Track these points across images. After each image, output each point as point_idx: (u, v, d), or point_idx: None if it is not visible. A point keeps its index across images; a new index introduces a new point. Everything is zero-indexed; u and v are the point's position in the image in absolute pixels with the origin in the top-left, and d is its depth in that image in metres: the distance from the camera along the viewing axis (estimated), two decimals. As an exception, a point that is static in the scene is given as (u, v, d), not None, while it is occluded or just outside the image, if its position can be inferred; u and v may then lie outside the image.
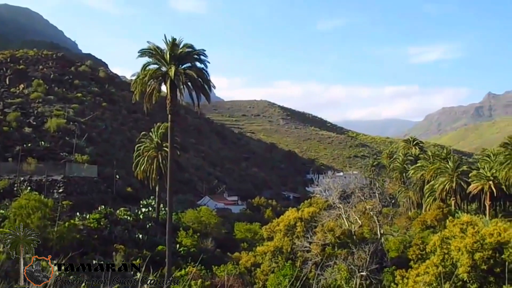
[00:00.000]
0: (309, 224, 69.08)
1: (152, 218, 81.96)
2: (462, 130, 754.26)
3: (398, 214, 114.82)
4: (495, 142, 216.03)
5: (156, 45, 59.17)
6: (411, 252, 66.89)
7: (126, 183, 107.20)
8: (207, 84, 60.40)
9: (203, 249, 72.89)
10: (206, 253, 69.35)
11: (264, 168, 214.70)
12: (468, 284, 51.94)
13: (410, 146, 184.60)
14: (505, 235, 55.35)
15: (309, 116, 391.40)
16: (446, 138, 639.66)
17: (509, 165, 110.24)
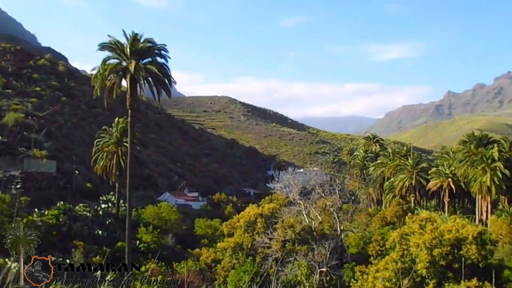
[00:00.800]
0: (270, 220, 69.16)
1: (111, 214, 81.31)
2: (422, 128, 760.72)
3: (358, 210, 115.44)
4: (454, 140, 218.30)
5: (116, 39, 58.67)
6: (371, 248, 67.35)
7: (85, 178, 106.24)
8: (168, 79, 60.09)
9: (163, 245, 72.53)
10: (166, 249, 69.02)
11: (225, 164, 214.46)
12: (427, 279, 52.46)
13: (370, 143, 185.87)
14: (463, 232, 56.02)
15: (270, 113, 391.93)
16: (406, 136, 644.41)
17: (468, 163, 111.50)
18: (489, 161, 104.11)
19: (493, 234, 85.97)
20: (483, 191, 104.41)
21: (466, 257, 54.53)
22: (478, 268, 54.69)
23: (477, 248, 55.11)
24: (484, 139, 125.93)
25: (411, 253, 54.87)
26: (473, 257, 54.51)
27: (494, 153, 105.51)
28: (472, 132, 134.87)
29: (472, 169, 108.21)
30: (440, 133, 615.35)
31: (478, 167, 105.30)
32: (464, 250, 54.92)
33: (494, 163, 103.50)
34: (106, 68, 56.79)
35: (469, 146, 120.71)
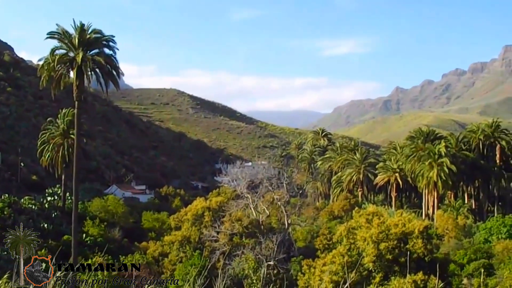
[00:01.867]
0: (217, 213, 69.04)
1: (58, 207, 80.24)
2: (370, 123, 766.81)
3: (305, 204, 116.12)
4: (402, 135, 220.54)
5: (65, 29, 57.72)
6: (318, 242, 67.57)
7: (31, 171, 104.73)
8: (116, 71, 59.39)
9: (110, 238, 71.89)
10: (113, 243, 68.41)
11: (173, 157, 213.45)
12: (374, 273, 52.75)
13: (318, 137, 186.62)
14: (409, 226, 56.52)
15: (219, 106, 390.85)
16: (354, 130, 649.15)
17: (415, 158, 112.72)
18: (436, 156, 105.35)
19: (439, 229, 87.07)
20: (429, 186, 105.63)
21: (412, 251, 54.99)
22: (424, 262, 55.19)
23: (423, 243, 55.56)
24: (431, 134, 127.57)
25: (358, 247, 55.10)
26: (419, 251, 54.97)
27: (441, 148, 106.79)
28: (420, 127, 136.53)
29: (419, 164, 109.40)
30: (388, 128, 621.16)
31: (425, 162, 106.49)
32: (410, 244, 55.37)
33: (441, 158, 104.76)
34: (54, 58, 55.79)
35: (416, 142, 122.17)
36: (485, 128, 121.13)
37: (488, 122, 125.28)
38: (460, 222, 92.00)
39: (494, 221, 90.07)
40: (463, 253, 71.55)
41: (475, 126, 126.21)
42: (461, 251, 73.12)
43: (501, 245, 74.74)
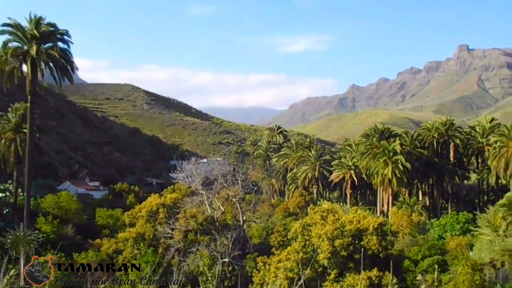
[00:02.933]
0: (172, 210, 68.62)
1: (9, 204, 78.86)
2: (326, 120, 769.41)
3: (261, 201, 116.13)
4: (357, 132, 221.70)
5: (17, 22, 56.74)
6: (273, 238, 67.56)
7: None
8: (70, 65, 58.61)
9: (63, 235, 70.86)
10: (66, 240, 67.40)
11: (127, 153, 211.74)
12: (329, 269, 52.89)
13: (274, 134, 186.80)
14: (364, 223, 56.78)
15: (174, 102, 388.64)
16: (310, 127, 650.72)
17: (370, 155, 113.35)
18: (391, 154, 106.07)
19: (394, 225, 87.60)
20: (384, 183, 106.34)
21: (367, 248, 55.28)
22: (379, 259, 55.52)
23: (378, 239, 55.90)
24: (386, 132, 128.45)
25: (313, 243, 55.20)
26: (374, 247, 55.27)
27: (396, 146, 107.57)
28: (375, 125, 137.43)
29: (374, 161, 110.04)
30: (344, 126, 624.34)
31: (380, 159, 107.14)
32: (365, 241, 55.65)
33: (396, 156, 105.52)
34: (7, 51, 54.82)
35: (371, 139, 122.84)
36: (439, 126, 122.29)
37: (443, 121, 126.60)
38: (415, 219, 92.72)
39: (448, 218, 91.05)
40: (417, 250, 72.08)
41: (429, 124, 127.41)
42: (416, 247, 73.65)
43: (455, 241, 75.61)
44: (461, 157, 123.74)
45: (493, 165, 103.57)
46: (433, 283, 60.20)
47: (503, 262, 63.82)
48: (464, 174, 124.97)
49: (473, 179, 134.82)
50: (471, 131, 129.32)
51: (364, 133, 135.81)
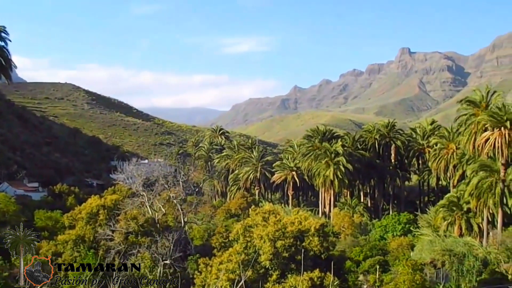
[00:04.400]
0: (112, 212, 67.51)
1: None
2: (268, 121, 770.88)
3: (202, 202, 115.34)
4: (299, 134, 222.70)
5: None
6: (215, 240, 67.08)
7: None
8: (8, 64, 57.41)
9: (0, 238, 69.19)
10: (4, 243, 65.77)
11: (67, 153, 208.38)
12: (270, 271, 52.72)
13: (216, 135, 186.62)
14: (305, 224, 56.73)
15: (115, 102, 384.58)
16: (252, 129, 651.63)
17: (312, 157, 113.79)
18: (333, 155, 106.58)
19: (335, 226, 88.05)
20: (326, 184, 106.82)
21: (309, 249, 55.27)
22: (321, 260, 55.56)
23: (320, 240, 55.95)
24: (328, 134, 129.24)
25: (255, 245, 55.02)
26: (315, 248, 55.30)
27: (338, 147, 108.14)
28: (317, 126, 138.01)
29: (316, 163, 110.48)
30: (286, 127, 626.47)
31: (322, 161, 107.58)
32: (306, 242, 55.63)
33: (338, 157, 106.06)
34: None
35: (313, 141, 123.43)
36: (381, 128, 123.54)
37: (384, 122, 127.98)
38: (356, 220, 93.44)
39: (390, 219, 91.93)
40: (359, 250, 72.48)
41: (371, 126, 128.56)
42: (357, 248, 74.07)
43: (396, 242, 76.30)
44: (402, 158, 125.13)
45: (434, 166, 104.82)
46: (375, 284, 60.57)
47: (444, 261, 64.55)
48: (405, 176, 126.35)
49: (414, 180, 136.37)
50: (412, 133, 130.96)
51: (306, 135, 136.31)
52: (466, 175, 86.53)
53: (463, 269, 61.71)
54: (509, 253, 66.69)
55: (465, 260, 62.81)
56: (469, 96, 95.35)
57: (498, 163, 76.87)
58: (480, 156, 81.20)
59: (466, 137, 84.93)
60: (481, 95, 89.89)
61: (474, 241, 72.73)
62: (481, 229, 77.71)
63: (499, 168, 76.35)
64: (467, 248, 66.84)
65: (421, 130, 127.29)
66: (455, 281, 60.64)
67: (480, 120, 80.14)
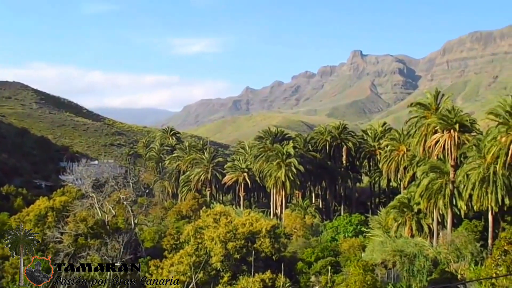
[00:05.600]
0: (61, 213, 66.62)
1: None
2: (220, 122, 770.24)
3: (153, 204, 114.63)
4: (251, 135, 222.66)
5: None
6: (165, 242, 66.64)
7: None
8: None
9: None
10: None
11: (15, 154, 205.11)
12: (222, 272, 52.67)
13: (167, 136, 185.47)
14: (257, 225, 56.67)
15: (65, 101, 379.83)
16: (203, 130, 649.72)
17: (263, 158, 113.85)
18: (284, 157, 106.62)
19: (287, 228, 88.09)
20: (277, 186, 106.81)
21: (260, 250, 55.24)
22: (272, 261, 55.62)
23: (271, 242, 56.01)
24: (280, 135, 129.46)
25: (206, 246, 54.89)
26: (267, 250, 55.30)
27: (289, 149, 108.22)
28: (268, 128, 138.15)
29: (267, 164, 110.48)
30: (238, 128, 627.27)
31: (273, 162, 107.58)
32: (258, 244, 55.58)
33: (289, 159, 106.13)
34: None
35: (265, 142, 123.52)
36: (332, 130, 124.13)
37: (336, 124, 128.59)
38: (308, 221, 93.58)
39: (341, 220, 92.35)
40: (310, 252, 72.50)
41: (322, 128, 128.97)
42: (309, 249, 74.12)
43: (347, 243, 76.61)
44: (354, 160, 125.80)
45: (385, 168, 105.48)
46: (327, 284, 60.63)
47: (394, 262, 64.99)
48: (357, 177, 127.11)
49: (365, 182, 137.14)
50: (363, 135, 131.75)
51: (258, 136, 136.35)
52: (417, 176, 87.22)
53: (413, 269, 62.19)
54: (459, 253, 67.42)
55: (415, 260, 63.34)
56: (420, 99, 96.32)
57: (448, 164, 77.65)
58: (430, 158, 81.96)
59: (416, 139, 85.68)
60: (431, 98, 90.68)
61: (424, 242, 73.42)
62: (431, 229, 78.40)
63: (448, 170, 77.13)
64: (417, 248, 67.48)
65: (372, 132, 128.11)
66: (406, 281, 61.03)
67: (431, 123, 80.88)
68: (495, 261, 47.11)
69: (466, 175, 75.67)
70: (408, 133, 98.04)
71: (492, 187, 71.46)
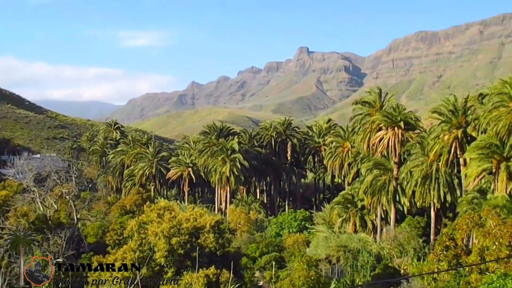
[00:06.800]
0: (1, 208, 65.53)
1: None
2: (165, 117, 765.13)
3: (96, 198, 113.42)
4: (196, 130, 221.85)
5: None
6: (109, 237, 65.91)
7: None
8: None
9: None
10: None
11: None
12: (166, 268, 52.40)
13: (111, 129, 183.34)
14: (201, 220, 56.50)
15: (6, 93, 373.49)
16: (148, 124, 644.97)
17: (208, 153, 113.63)
18: (229, 152, 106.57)
19: (231, 223, 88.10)
20: (222, 181, 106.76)
21: (204, 246, 55.06)
22: (216, 256, 55.49)
23: (215, 237, 55.84)
24: (225, 130, 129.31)
25: (150, 242, 54.44)
26: (211, 245, 55.15)
27: (234, 144, 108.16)
28: (214, 123, 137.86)
29: (212, 159, 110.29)
30: (183, 123, 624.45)
31: (218, 157, 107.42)
32: (202, 239, 55.40)
33: (234, 154, 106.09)
34: None
35: (210, 137, 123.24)
36: (277, 126, 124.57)
37: (281, 120, 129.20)
38: (252, 217, 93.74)
39: (286, 216, 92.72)
40: (255, 247, 72.68)
41: (268, 124, 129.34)
42: (253, 245, 74.29)
43: (292, 238, 77.01)
44: (299, 156, 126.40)
45: (329, 164, 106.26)
46: (271, 280, 60.82)
47: (338, 257, 65.53)
48: (301, 173, 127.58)
49: (310, 178, 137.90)
50: (308, 131, 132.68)
51: (203, 131, 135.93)
52: (361, 173, 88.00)
53: (357, 264, 62.82)
54: (402, 248, 68.30)
55: (359, 255, 63.96)
56: (365, 97, 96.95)
57: (391, 161, 78.47)
58: (374, 154, 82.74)
59: (361, 136, 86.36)
60: (376, 95, 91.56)
61: (368, 237, 74.26)
62: (375, 225, 79.25)
63: (392, 167, 77.93)
64: (361, 244, 68.20)
65: (318, 128, 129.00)
66: (349, 276, 61.54)
67: (375, 120, 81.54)
68: (437, 256, 47.83)
69: (410, 172, 76.70)
70: (352, 130, 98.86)
71: (435, 184, 72.56)
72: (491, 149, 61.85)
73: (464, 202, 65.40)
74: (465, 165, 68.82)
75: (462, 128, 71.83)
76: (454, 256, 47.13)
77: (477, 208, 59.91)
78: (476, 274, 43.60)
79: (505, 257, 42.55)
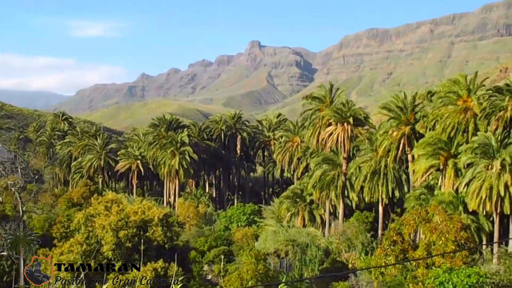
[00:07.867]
0: None
1: None
2: (114, 108, 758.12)
3: (43, 190, 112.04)
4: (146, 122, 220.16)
5: None
6: (55, 230, 65.28)
7: None
8: None
9: None
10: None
11: None
12: (113, 261, 51.93)
13: (59, 120, 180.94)
14: (149, 214, 56.26)
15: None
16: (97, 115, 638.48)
17: (157, 146, 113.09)
18: (178, 145, 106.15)
19: (180, 217, 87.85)
20: (171, 174, 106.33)
21: (152, 239, 54.84)
22: (165, 250, 55.30)
23: (163, 230, 55.67)
24: (175, 123, 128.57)
25: (97, 235, 54.05)
26: (159, 239, 54.95)
27: (184, 137, 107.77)
28: (163, 115, 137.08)
29: (161, 152, 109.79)
30: (132, 115, 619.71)
31: (167, 150, 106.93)
32: (150, 232, 55.19)
33: (183, 147, 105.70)
34: None
35: (159, 129, 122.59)
36: (227, 119, 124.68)
37: (231, 114, 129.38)
38: (201, 210, 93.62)
39: (235, 210, 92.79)
40: (204, 241, 72.66)
41: (218, 117, 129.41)
42: (202, 238, 74.27)
43: (241, 232, 77.18)
44: (248, 150, 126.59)
45: (279, 158, 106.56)
46: (220, 273, 60.84)
47: (287, 251, 65.89)
48: (251, 167, 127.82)
49: (259, 172, 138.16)
50: (258, 125, 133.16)
51: (152, 123, 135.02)
52: (310, 167, 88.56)
53: (306, 258, 63.24)
54: (350, 243, 68.93)
55: (308, 250, 64.37)
56: (315, 92, 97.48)
57: (341, 157, 79.10)
58: (323, 150, 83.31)
59: (310, 131, 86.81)
60: (326, 91, 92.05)
61: (316, 232, 74.78)
62: (323, 220, 79.84)
63: (341, 162, 78.57)
64: (310, 238, 68.54)
65: (268, 122, 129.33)
66: (298, 270, 61.93)
67: (325, 115, 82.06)
68: (385, 251, 48.28)
69: (358, 168, 77.40)
70: (302, 125, 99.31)
71: (383, 180, 73.39)
72: (439, 146, 62.80)
73: (412, 197, 66.34)
74: (413, 161, 69.73)
75: (410, 125, 72.71)
76: (401, 250, 47.63)
77: (424, 203, 60.74)
78: (422, 268, 44.10)
79: (451, 252, 43.21)
